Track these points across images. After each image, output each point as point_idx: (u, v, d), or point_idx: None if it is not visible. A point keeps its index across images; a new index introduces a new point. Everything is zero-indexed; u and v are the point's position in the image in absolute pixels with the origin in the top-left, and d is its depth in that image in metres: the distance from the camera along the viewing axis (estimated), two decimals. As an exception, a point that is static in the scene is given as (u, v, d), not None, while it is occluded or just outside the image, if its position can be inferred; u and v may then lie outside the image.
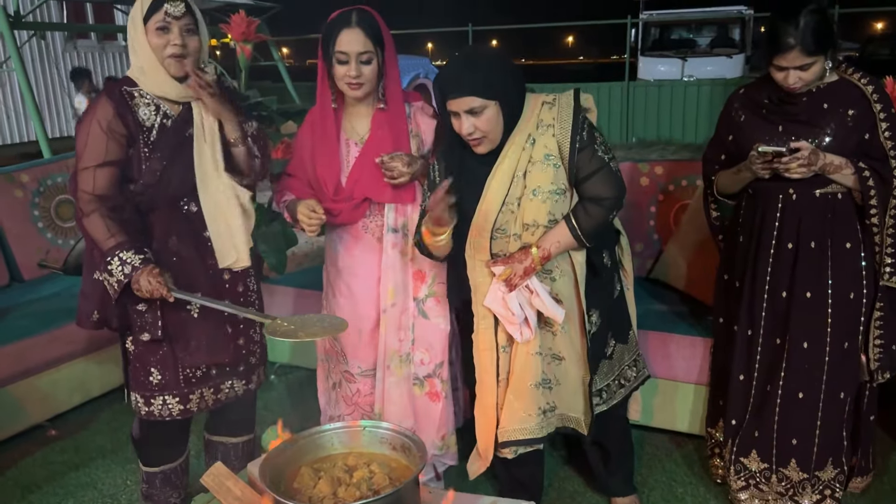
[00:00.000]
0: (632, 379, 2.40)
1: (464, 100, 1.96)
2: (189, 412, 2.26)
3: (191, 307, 2.19)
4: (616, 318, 2.32)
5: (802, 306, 2.25)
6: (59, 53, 10.44)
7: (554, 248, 2.06)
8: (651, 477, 2.74)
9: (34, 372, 3.02)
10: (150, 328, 2.16)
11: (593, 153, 2.05)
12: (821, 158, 2.12)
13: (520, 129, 2.06)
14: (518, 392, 2.18)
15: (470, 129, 1.99)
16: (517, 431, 2.21)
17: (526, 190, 2.06)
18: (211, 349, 2.23)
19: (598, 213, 2.06)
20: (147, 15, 2.03)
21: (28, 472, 2.87)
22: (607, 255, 2.25)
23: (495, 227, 2.09)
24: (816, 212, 2.21)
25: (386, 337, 2.37)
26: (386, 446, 1.80)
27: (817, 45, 2.04)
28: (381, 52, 2.17)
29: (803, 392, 2.29)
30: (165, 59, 2.05)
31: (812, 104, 2.17)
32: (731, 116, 2.36)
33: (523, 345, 2.15)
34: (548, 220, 2.07)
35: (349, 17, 2.13)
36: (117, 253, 2.01)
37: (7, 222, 3.54)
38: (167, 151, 2.11)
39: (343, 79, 2.16)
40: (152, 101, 2.10)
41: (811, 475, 2.34)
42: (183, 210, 2.17)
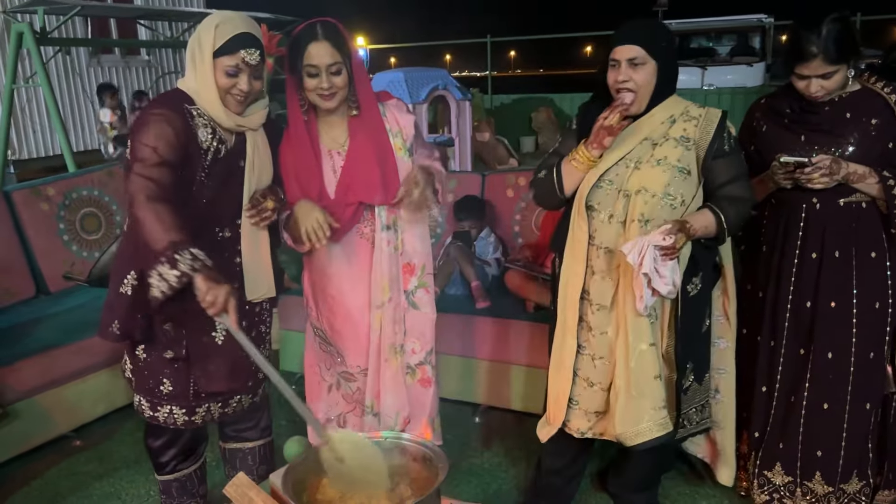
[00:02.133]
0: (694, 423, 2.33)
1: (630, 48, 2.06)
2: (194, 423, 2.26)
3: (215, 333, 2.17)
4: (696, 353, 2.28)
5: (827, 316, 2.23)
6: (83, 68, 10.60)
7: (701, 231, 2.10)
8: (674, 489, 2.71)
9: (60, 383, 3.05)
10: (175, 347, 2.15)
11: (738, 162, 2.16)
12: (843, 168, 2.10)
13: (664, 108, 2.15)
14: (643, 388, 2.14)
15: (625, 77, 2.07)
16: (652, 428, 2.16)
17: (651, 157, 2.12)
18: (231, 376, 2.22)
19: (742, 208, 2.14)
20: (219, 52, 2.00)
21: (54, 482, 2.90)
22: (699, 281, 2.21)
23: (605, 176, 2.15)
24: (841, 221, 2.19)
25: (381, 332, 2.38)
26: (407, 457, 1.80)
27: (840, 53, 2.03)
28: (348, 62, 2.19)
29: (828, 403, 2.26)
30: (227, 96, 2.05)
31: (834, 113, 2.16)
32: (752, 126, 2.34)
33: (636, 340, 2.12)
34: (664, 192, 2.09)
35: (315, 31, 2.15)
36: (188, 247, 1.85)
37: (33, 235, 3.59)
38: (219, 179, 2.10)
39: (315, 91, 2.18)
40: (209, 123, 2.07)
41: (836, 488, 2.30)
42: (218, 236, 2.16)
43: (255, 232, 2.19)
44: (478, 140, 8.91)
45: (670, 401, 2.22)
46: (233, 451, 2.54)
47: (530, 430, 2.91)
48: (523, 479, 2.82)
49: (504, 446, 3.06)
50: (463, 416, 3.27)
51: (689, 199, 2.12)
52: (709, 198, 2.16)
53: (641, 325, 2.12)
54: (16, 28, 5.73)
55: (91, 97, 10.03)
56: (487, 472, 2.88)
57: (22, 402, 2.92)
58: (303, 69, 2.15)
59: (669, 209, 2.10)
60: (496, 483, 2.81)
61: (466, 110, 8.73)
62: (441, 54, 58.94)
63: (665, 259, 2.01)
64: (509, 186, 3.76)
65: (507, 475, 2.86)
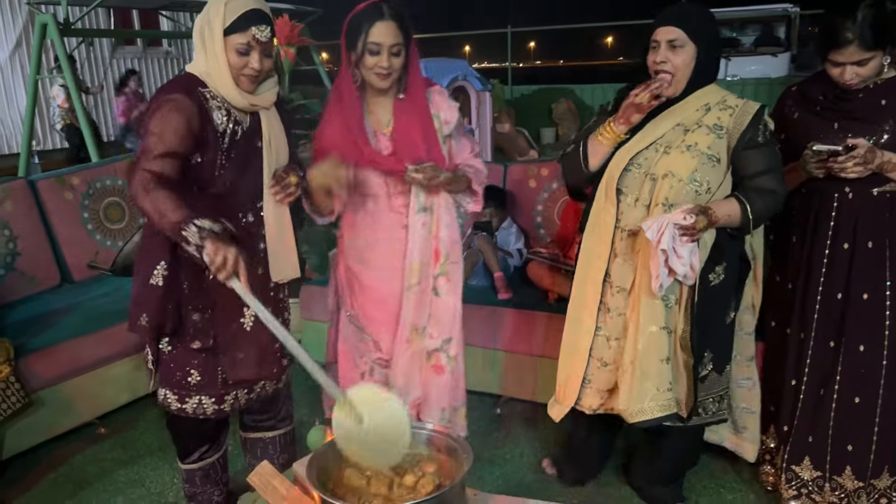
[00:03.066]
0: (710, 413, 2.33)
1: (670, 29, 2.07)
2: (223, 412, 2.26)
3: (244, 320, 2.17)
4: (718, 344, 2.28)
5: (859, 308, 2.19)
6: (106, 59, 10.69)
7: (723, 220, 2.09)
8: (699, 483, 2.68)
9: (84, 371, 3.07)
10: (203, 337, 2.15)
11: (776, 153, 2.14)
12: (878, 157, 2.05)
13: (699, 96, 2.14)
14: (647, 370, 2.18)
15: (662, 58, 2.08)
16: (654, 408, 2.20)
17: (682, 143, 2.12)
18: (259, 363, 2.22)
19: (771, 201, 2.11)
20: (230, 29, 1.98)
21: (79, 469, 2.93)
22: (722, 271, 2.20)
23: (635, 159, 2.16)
24: (874, 211, 2.15)
25: (409, 313, 2.39)
26: (431, 447, 1.79)
27: (876, 39, 1.98)
28: (408, 44, 2.22)
29: (859, 397, 2.22)
30: (240, 76, 2.03)
31: (869, 101, 2.11)
32: (784, 114, 2.30)
33: (647, 322, 2.15)
34: (690, 177, 2.09)
35: (382, 9, 2.17)
36: (192, 220, 1.86)
37: (58, 224, 3.62)
38: (240, 161, 2.09)
39: (373, 69, 2.19)
40: (223, 105, 2.06)
41: (867, 483, 2.26)
42: (242, 222, 2.15)
43: (279, 214, 2.18)
44: (498, 131, 8.88)
45: (684, 386, 2.23)
46: (254, 440, 2.54)
47: (551, 422, 2.90)
48: (544, 470, 2.80)
49: (526, 437, 3.04)
50: (485, 407, 3.26)
51: (714, 186, 2.11)
52: (738, 188, 2.14)
53: (655, 307, 2.14)
54: (40, 19, 5.77)
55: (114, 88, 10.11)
56: (509, 462, 2.87)
57: (47, 389, 2.95)
58: (365, 45, 2.17)
59: (694, 195, 2.10)
60: (519, 474, 2.79)
61: (487, 101, 8.69)
62: (461, 45, 58.77)
63: (685, 239, 2.01)
64: (532, 177, 3.74)
65: (530, 465, 2.84)
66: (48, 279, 3.55)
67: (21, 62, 9.04)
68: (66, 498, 2.74)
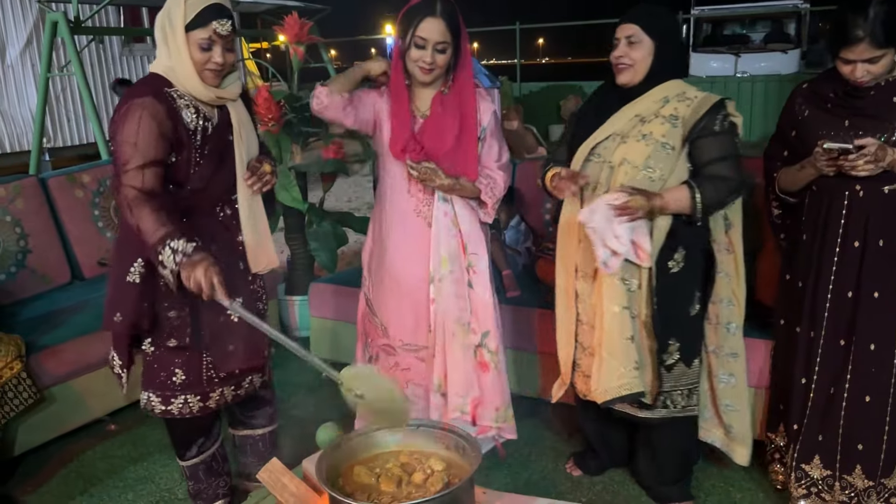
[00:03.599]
0: (678, 406, 2.36)
1: (628, 26, 2.20)
2: (208, 409, 2.28)
3: (231, 313, 2.17)
4: (683, 335, 2.32)
5: (870, 307, 2.18)
6: (116, 57, 10.71)
7: (673, 205, 2.16)
8: (708, 482, 2.68)
9: (95, 367, 3.09)
10: (178, 334, 2.15)
11: (732, 142, 2.21)
12: (889, 154, 2.04)
13: (662, 88, 2.24)
14: (612, 349, 2.25)
15: (621, 53, 2.21)
16: (620, 388, 2.26)
17: (639, 132, 2.21)
18: (248, 354, 2.24)
19: (724, 190, 2.18)
20: (191, 25, 1.99)
21: (89, 465, 2.95)
22: (682, 259, 2.25)
23: (595, 150, 2.27)
24: (885, 209, 2.13)
25: (443, 305, 2.43)
26: (440, 445, 1.79)
27: (888, 37, 1.97)
28: (456, 42, 2.29)
29: (870, 395, 2.21)
30: (204, 71, 2.04)
31: (880, 98, 2.09)
32: (794, 111, 2.29)
33: (609, 302, 2.24)
34: (644, 164, 2.18)
35: (434, 6, 2.24)
36: (168, 242, 1.92)
37: (68, 222, 3.64)
38: (214, 157, 2.12)
39: (417, 62, 2.28)
40: (191, 104, 2.07)
41: (877, 483, 2.25)
42: (220, 216, 2.18)
43: (253, 205, 2.22)
44: (506, 128, 8.87)
45: (650, 372, 2.30)
46: (243, 437, 2.57)
47: (561, 419, 2.91)
48: (553, 469, 2.80)
49: (535, 435, 3.04)
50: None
51: (667, 173, 2.19)
52: (694, 176, 2.22)
53: (615, 288, 2.23)
54: (50, 17, 5.79)
55: (120, 87, 10.15)
56: (517, 461, 2.87)
57: (58, 386, 2.97)
58: (412, 39, 2.26)
59: (648, 181, 2.18)
60: (527, 472, 2.79)
61: (495, 98, 8.69)
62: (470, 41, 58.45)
63: (621, 219, 2.11)
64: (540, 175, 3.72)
65: (538, 464, 2.84)
66: (59, 277, 3.58)
67: (32, 60, 9.07)
68: (77, 494, 2.76)
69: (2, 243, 3.36)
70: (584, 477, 2.73)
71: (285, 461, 1.86)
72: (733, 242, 2.35)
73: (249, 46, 11.88)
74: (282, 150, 3.62)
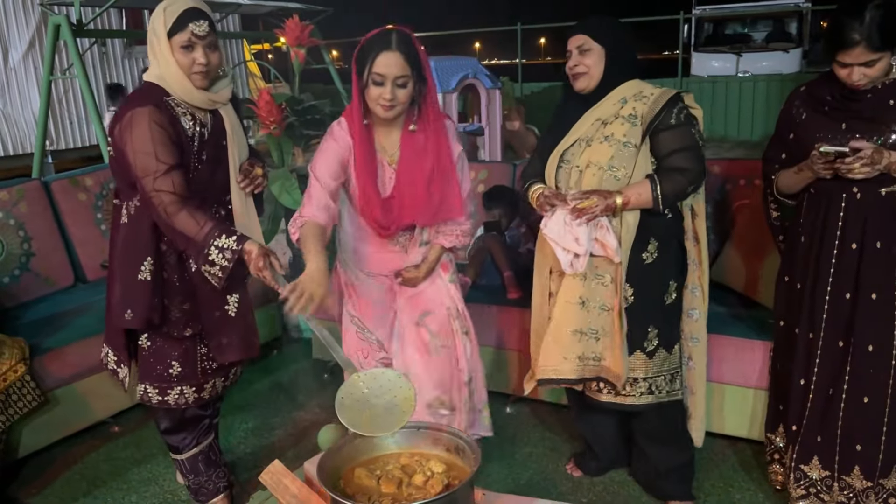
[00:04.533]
0: (663, 392, 2.41)
1: (577, 37, 2.29)
2: (202, 399, 2.39)
3: (227, 307, 2.27)
4: (661, 321, 2.38)
5: (868, 308, 2.18)
6: (119, 59, 10.74)
7: (634, 199, 2.23)
8: (707, 482, 2.69)
9: (98, 370, 3.08)
10: (193, 324, 2.27)
11: (691, 133, 2.27)
12: (885, 157, 2.05)
13: (619, 91, 2.30)
14: (557, 336, 2.36)
15: (575, 62, 2.29)
16: (551, 371, 2.39)
17: (601, 135, 2.29)
18: (243, 346, 2.34)
19: (682, 181, 2.24)
20: (172, 31, 2.08)
21: (93, 467, 2.97)
22: (655, 250, 2.33)
23: (564, 157, 2.34)
24: (882, 211, 2.14)
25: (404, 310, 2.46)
26: (440, 447, 1.81)
27: (883, 40, 1.98)
28: (416, 75, 2.16)
29: (868, 397, 2.22)
30: (191, 74, 2.12)
31: (877, 101, 2.10)
32: (791, 114, 2.30)
33: (563, 292, 2.35)
34: (608, 164, 2.26)
35: (389, 39, 2.12)
36: (212, 242, 2.04)
37: (72, 224, 3.66)
38: (211, 161, 2.20)
39: (377, 100, 2.15)
40: (187, 111, 2.16)
41: (875, 483, 2.26)
42: (215, 217, 2.23)
43: (246, 205, 2.29)
44: (508, 129, 8.85)
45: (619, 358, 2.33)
46: None
47: (561, 421, 2.92)
48: (553, 469, 2.82)
49: (535, 437, 3.06)
50: (494, 406, 3.26)
51: (631, 170, 2.26)
52: (657, 168, 2.29)
53: (571, 283, 2.33)
54: (53, 20, 5.81)
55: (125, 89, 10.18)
56: (518, 462, 2.88)
57: (62, 388, 2.99)
58: (369, 76, 2.13)
59: (614, 181, 2.26)
60: (527, 473, 2.81)
61: (496, 99, 8.68)
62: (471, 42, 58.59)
63: (579, 221, 2.21)
64: (541, 176, 3.74)
65: (538, 465, 2.86)
66: (62, 279, 3.60)
67: (34, 63, 9.09)
68: (81, 496, 2.78)
69: (5, 246, 3.38)
70: (585, 478, 2.75)
71: (287, 463, 1.88)
72: (698, 231, 2.41)
73: (252, 48, 11.89)
74: (283, 152, 3.64)
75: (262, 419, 3.31)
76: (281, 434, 3.17)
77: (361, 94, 2.19)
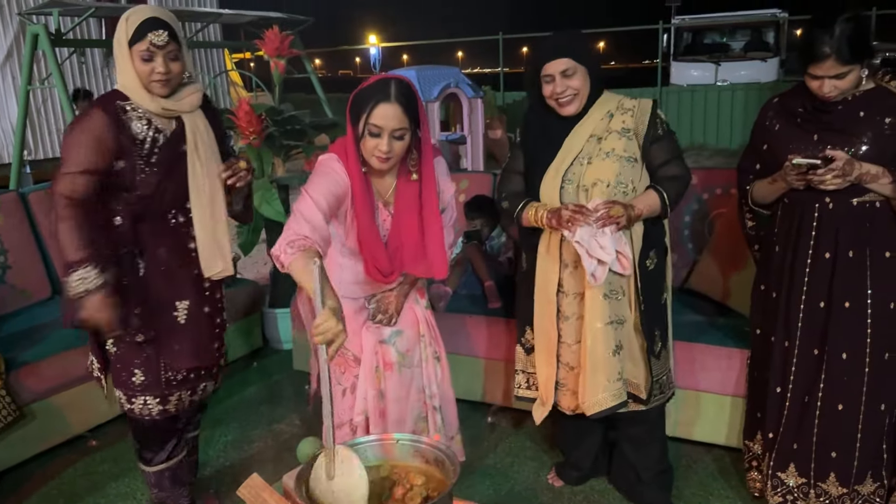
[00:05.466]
0: (665, 392, 2.46)
1: (559, 62, 2.24)
2: (168, 412, 2.36)
3: (177, 313, 2.29)
4: (661, 322, 2.45)
5: (841, 317, 2.22)
6: (97, 69, 10.68)
7: (646, 211, 2.28)
8: (687, 489, 2.71)
9: (75, 384, 3.08)
10: (145, 329, 2.26)
11: (672, 144, 2.35)
12: (856, 168, 2.08)
13: (600, 105, 2.34)
14: (597, 363, 2.32)
15: (562, 87, 2.26)
16: (606, 400, 2.34)
17: (600, 151, 2.29)
18: (195, 353, 2.34)
19: (680, 185, 2.33)
20: (132, 40, 2.11)
21: (70, 482, 2.93)
22: (655, 256, 2.39)
23: (566, 176, 2.31)
24: (854, 221, 2.18)
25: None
26: (419, 459, 1.81)
27: (853, 54, 2.01)
28: (413, 127, 2.09)
29: (843, 404, 2.25)
30: (151, 83, 2.15)
31: (848, 112, 2.14)
32: (765, 125, 2.33)
33: (592, 315, 2.30)
34: (616, 179, 2.27)
35: (388, 90, 2.02)
36: (82, 266, 2.08)
37: (49, 237, 3.62)
38: (163, 166, 2.21)
39: (373, 151, 2.06)
40: (144, 116, 2.18)
41: (850, 490, 2.29)
42: (171, 222, 2.27)
43: (211, 212, 2.29)
44: (490, 137, 8.91)
45: (642, 369, 2.38)
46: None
47: (542, 431, 2.93)
48: (535, 480, 2.82)
49: (516, 447, 3.06)
50: (476, 416, 3.27)
51: (637, 183, 2.31)
52: (650, 178, 2.34)
53: (599, 305, 2.30)
54: (31, 30, 5.76)
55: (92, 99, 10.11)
56: (499, 472, 2.88)
57: (39, 402, 2.96)
58: (366, 126, 2.04)
59: (623, 196, 2.28)
60: (508, 483, 2.81)
61: (478, 108, 8.73)
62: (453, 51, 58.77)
63: (608, 230, 2.20)
64: (521, 186, 3.75)
65: (519, 475, 2.86)
66: (39, 292, 3.56)
67: (12, 73, 9.02)
68: (58, 511, 2.75)
69: (-19, 259, 3.35)
70: (566, 487, 2.75)
71: (266, 476, 1.86)
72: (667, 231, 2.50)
73: (233, 57, 11.86)
74: (263, 162, 3.64)
75: (241, 431, 3.29)
76: (260, 446, 3.16)
77: (357, 144, 2.10)
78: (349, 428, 2.39)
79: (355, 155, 2.11)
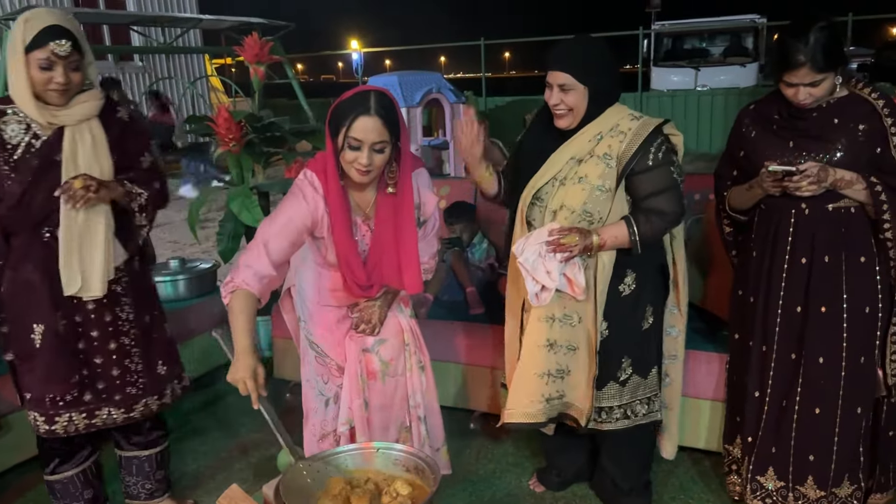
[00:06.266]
0: (640, 415, 2.42)
1: (559, 74, 2.18)
2: (54, 433, 2.28)
3: (34, 336, 2.20)
4: (637, 350, 2.38)
5: (817, 321, 2.24)
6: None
7: (610, 241, 2.20)
8: (667, 494, 2.72)
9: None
10: (13, 348, 2.23)
11: (669, 173, 2.22)
12: (831, 175, 2.11)
13: (595, 124, 2.24)
14: (523, 380, 2.34)
15: (557, 101, 2.20)
16: (521, 415, 2.36)
17: (575, 175, 2.23)
18: (47, 379, 2.23)
19: (659, 224, 2.22)
20: (30, 46, 2.02)
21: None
22: (633, 282, 2.31)
23: (537, 194, 2.28)
24: (829, 226, 2.20)
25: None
26: (399, 467, 1.81)
27: (827, 61, 2.04)
28: (394, 140, 2.06)
29: (820, 408, 2.27)
30: (47, 91, 2.06)
31: (822, 119, 2.17)
32: (741, 132, 2.35)
33: (530, 335, 2.32)
34: (582, 208, 2.22)
35: (368, 103, 1.98)
36: None
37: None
38: (28, 174, 2.09)
39: (353, 164, 2.03)
40: (24, 120, 2.10)
41: (828, 492, 2.31)
42: (44, 237, 2.16)
43: (76, 228, 2.14)
44: (472, 143, 8.92)
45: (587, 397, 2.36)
46: (129, 458, 2.60)
47: (525, 436, 2.93)
48: (517, 486, 2.82)
49: (498, 453, 3.06)
50: (459, 422, 3.27)
51: (605, 214, 2.23)
52: (634, 207, 2.26)
53: (536, 327, 2.31)
54: (7, 35, 5.71)
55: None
56: (482, 479, 2.88)
57: (16, 413, 2.92)
58: (346, 139, 2.00)
59: (587, 224, 2.23)
60: (490, 490, 2.81)
61: (461, 113, 8.73)
62: (436, 56, 58.86)
63: (556, 256, 2.17)
64: (502, 192, 3.76)
65: (501, 482, 2.86)
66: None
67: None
68: (35, 523, 2.72)
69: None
70: (547, 493, 2.76)
71: (246, 487, 1.86)
72: (675, 254, 2.42)
73: (214, 62, 11.81)
74: (243, 169, 3.62)
75: (220, 441, 3.26)
76: (240, 457, 3.13)
77: (336, 157, 2.07)
78: (333, 438, 2.37)
79: (335, 169, 2.09)
